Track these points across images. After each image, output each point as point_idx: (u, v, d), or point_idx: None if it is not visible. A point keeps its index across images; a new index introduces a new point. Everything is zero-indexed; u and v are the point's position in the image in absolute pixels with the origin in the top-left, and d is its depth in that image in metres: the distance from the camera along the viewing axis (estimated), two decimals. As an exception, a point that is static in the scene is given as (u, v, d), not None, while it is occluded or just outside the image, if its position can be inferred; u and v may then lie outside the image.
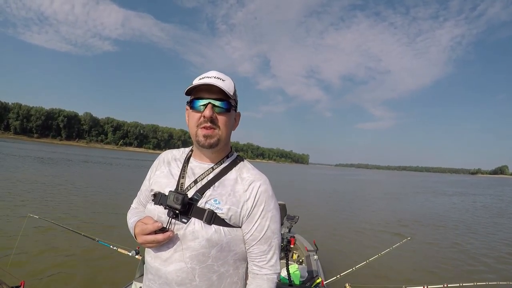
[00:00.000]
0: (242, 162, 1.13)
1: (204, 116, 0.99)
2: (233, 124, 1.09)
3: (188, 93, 1.04)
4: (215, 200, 1.00)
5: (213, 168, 1.08)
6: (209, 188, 1.03)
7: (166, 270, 0.99)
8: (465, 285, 2.80)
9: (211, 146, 1.03)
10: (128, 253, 3.07)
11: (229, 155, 1.13)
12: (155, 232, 0.97)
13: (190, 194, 1.02)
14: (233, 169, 1.08)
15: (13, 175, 13.57)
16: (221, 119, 1.02)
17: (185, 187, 1.04)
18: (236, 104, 1.09)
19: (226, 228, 1.00)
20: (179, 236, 0.98)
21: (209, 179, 1.05)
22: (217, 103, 1.00)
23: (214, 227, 0.98)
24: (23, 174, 14.18)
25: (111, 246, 3.20)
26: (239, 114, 1.13)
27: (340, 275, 3.09)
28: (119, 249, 3.15)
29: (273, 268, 1.05)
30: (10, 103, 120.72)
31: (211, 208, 0.99)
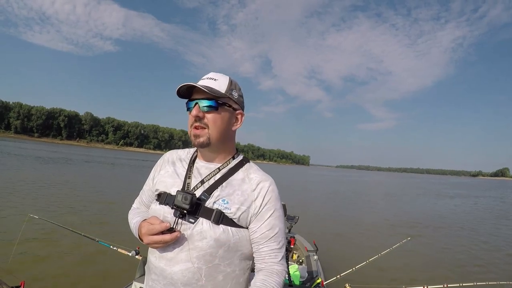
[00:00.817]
0: (248, 163, 1.12)
1: (192, 116, 1.00)
2: (229, 122, 1.06)
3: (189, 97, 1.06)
4: (223, 200, 1.00)
5: (219, 169, 1.07)
6: (217, 188, 1.02)
7: (172, 270, 0.98)
8: (465, 285, 2.79)
9: (201, 146, 1.02)
10: (128, 253, 3.07)
11: (235, 156, 1.12)
12: (162, 232, 0.96)
13: (197, 194, 1.01)
14: (239, 170, 1.08)
15: (13, 174, 13.58)
16: (209, 117, 1.01)
17: (192, 187, 1.04)
18: (236, 102, 1.06)
19: (234, 228, 0.99)
20: (186, 236, 0.98)
21: (216, 179, 1.05)
22: (203, 102, 1.00)
23: (222, 227, 0.98)
24: (23, 174, 14.18)
25: (111, 246, 3.20)
26: (241, 113, 1.10)
27: (340, 275, 3.09)
28: (119, 249, 3.15)
29: (283, 265, 1.05)
30: (11, 102, 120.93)
31: (219, 208, 0.99)
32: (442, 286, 2.78)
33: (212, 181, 1.04)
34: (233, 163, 1.10)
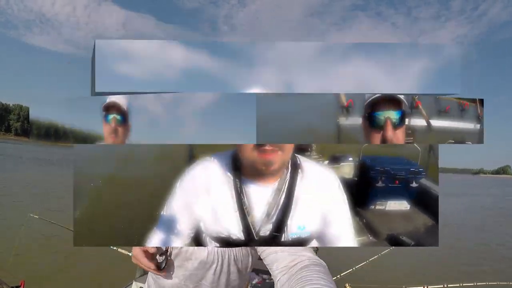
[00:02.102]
0: None
1: None
2: None
3: None
4: None
5: None
6: None
7: (160, 284, 0.98)
8: (465, 285, 2.79)
9: None
10: (128, 253, 3.07)
11: None
12: None
13: None
14: None
15: (14, 175, 13.60)
16: None
17: None
18: None
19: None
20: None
21: None
22: None
23: None
24: (24, 175, 14.20)
25: (111, 246, 3.20)
26: None
27: (340, 275, 3.09)
28: (119, 249, 3.15)
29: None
30: (11, 104, 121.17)
31: None
32: (442, 286, 2.78)
33: None
34: None
